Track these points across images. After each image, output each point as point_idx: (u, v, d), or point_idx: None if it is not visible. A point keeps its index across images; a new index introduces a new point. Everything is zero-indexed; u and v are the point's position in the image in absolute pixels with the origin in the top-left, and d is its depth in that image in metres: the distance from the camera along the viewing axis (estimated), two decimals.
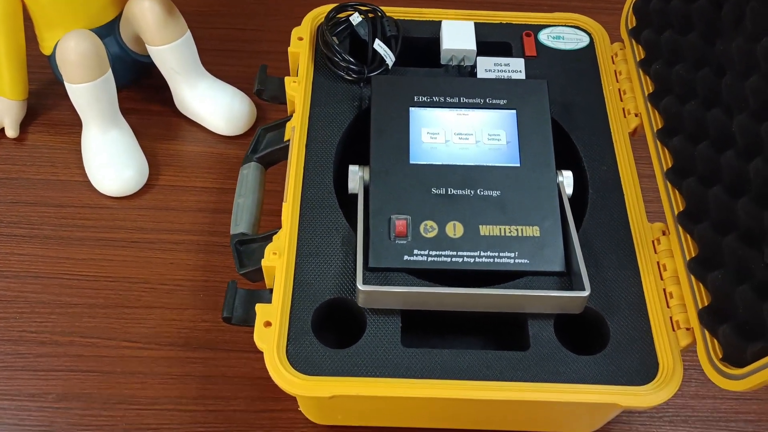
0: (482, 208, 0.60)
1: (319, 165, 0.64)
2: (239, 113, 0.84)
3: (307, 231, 0.61)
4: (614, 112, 0.70)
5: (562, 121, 0.68)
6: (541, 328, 0.57)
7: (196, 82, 0.83)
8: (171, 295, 0.73)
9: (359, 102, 0.69)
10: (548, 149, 0.63)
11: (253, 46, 0.94)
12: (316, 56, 0.72)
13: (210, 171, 0.82)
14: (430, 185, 0.61)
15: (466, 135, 0.64)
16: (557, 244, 0.59)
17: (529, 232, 0.60)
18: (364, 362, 0.55)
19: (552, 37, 0.75)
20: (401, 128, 0.64)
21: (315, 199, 0.62)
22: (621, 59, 0.73)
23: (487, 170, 0.62)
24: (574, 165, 0.66)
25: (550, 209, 0.61)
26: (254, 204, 0.67)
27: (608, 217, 0.63)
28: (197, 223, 0.78)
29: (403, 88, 0.66)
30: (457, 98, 0.66)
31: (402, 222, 0.60)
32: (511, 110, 0.65)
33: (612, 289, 0.59)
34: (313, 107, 0.68)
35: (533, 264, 0.59)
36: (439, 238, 0.59)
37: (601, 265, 0.60)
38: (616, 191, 0.64)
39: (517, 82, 0.67)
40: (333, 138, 0.66)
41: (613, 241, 0.61)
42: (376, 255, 0.58)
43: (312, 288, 0.58)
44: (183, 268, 0.74)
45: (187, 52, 0.80)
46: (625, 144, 0.67)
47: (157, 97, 0.87)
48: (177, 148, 0.84)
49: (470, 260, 0.59)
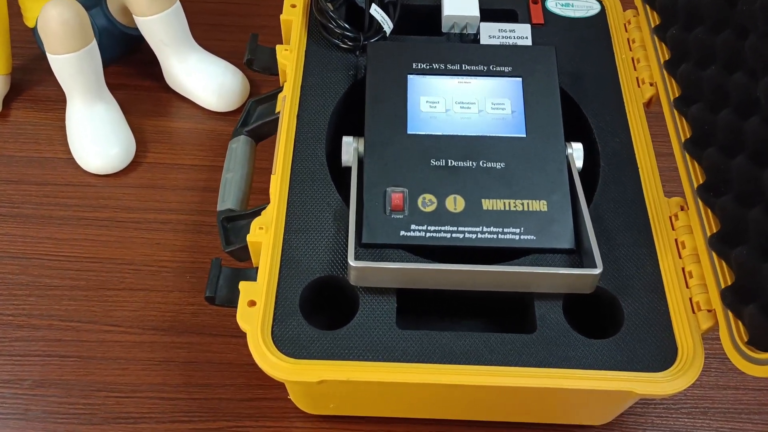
0: (485, 181, 0.56)
1: (311, 136, 0.60)
2: (231, 88, 0.80)
3: (297, 205, 0.57)
4: (627, 81, 0.65)
5: (571, 91, 0.64)
6: (548, 310, 0.52)
7: (186, 56, 0.79)
8: (156, 276, 0.69)
9: (355, 71, 0.64)
10: (556, 119, 0.59)
11: (248, 20, 0.90)
12: (309, 24, 0.68)
13: (200, 148, 0.78)
14: (429, 157, 0.57)
15: (468, 104, 0.60)
16: (566, 219, 0.55)
17: (535, 207, 0.55)
18: (356, 345, 0.50)
19: (561, 4, 0.70)
20: (398, 96, 0.60)
21: (306, 171, 0.58)
22: (634, 26, 0.68)
23: (491, 141, 0.58)
24: (585, 137, 0.62)
25: (559, 182, 0.56)
26: (243, 179, 0.63)
27: (621, 192, 0.58)
28: (185, 202, 0.74)
29: (401, 54, 0.61)
30: (459, 65, 0.61)
31: (398, 195, 0.55)
32: (516, 78, 0.61)
33: (626, 268, 0.54)
34: (306, 77, 0.64)
35: (540, 240, 0.54)
36: (439, 213, 0.55)
37: (614, 243, 0.56)
38: (630, 164, 0.60)
39: (522, 49, 0.62)
40: (326, 108, 0.62)
41: (627, 218, 0.57)
42: (370, 230, 0.54)
43: (301, 265, 0.54)
44: (169, 249, 0.71)
45: (176, 23, 0.76)
46: (639, 115, 0.63)
47: (146, 73, 0.84)
48: (166, 124, 0.80)
49: (472, 236, 0.54)
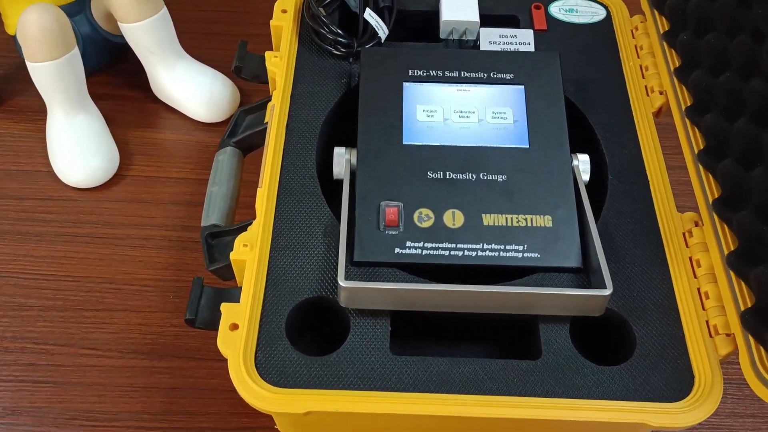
0: (486, 195, 0.52)
1: (301, 147, 0.57)
2: (220, 98, 0.76)
3: (285, 221, 0.53)
4: (636, 90, 0.61)
5: (576, 100, 0.61)
6: (554, 333, 0.48)
7: (173, 64, 0.76)
8: (137, 296, 0.65)
9: (348, 79, 0.61)
10: (561, 129, 0.56)
11: (240, 28, 0.87)
12: (301, 30, 0.65)
13: (187, 160, 0.75)
14: (425, 169, 0.53)
15: (468, 113, 0.56)
16: (572, 236, 0.51)
17: (539, 222, 0.52)
18: (346, 372, 0.46)
19: (564, 9, 0.67)
20: (394, 105, 0.56)
21: (294, 184, 0.55)
22: (642, 33, 0.65)
23: (492, 152, 0.54)
24: (591, 149, 0.58)
25: (564, 196, 0.53)
26: (229, 193, 0.60)
27: (631, 206, 0.55)
28: (171, 218, 0.70)
29: (396, 60, 0.58)
30: (458, 72, 0.58)
31: (393, 210, 0.52)
32: (518, 85, 0.57)
33: (637, 289, 0.51)
34: (296, 85, 0.61)
35: (545, 258, 0.51)
36: (436, 229, 0.51)
37: (624, 261, 0.52)
38: (640, 177, 0.56)
39: (525, 55, 0.59)
40: (317, 118, 0.59)
41: (638, 234, 0.53)
42: (363, 247, 0.51)
43: (288, 285, 0.50)
44: (152, 267, 0.67)
45: (162, 30, 0.73)
46: (648, 125, 0.59)
47: (133, 82, 0.80)
48: (152, 135, 0.77)
49: (471, 254, 0.51)
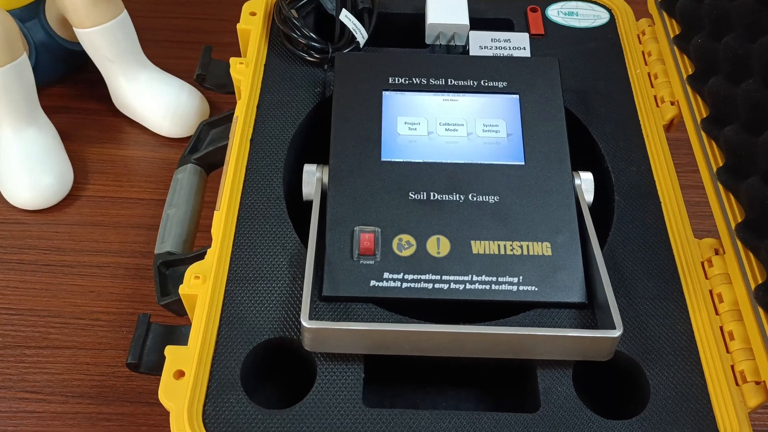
0: (475, 219, 0.46)
1: (266, 164, 0.50)
2: (186, 110, 0.70)
3: (244, 248, 0.46)
4: (644, 100, 0.55)
5: (578, 112, 0.54)
6: (555, 380, 0.42)
7: (135, 74, 0.69)
8: (87, 332, 0.58)
9: (322, 88, 0.55)
10: (561, 143, 0.49)
11: (214, 37, 0.80)
12: (270, 34, 0.58)
13: (149, 179, 0.68)
14: (407, 189, 0.47)
15: (455, 125, 0.50)
16: (575, 266, 0.45)
17: (537, 250, 0.45)
18: (310, 428, 0.39)
19: (564, 12, 0.61)
20: (371, 116, 0.50)
21: (257, 207, 0.48)
22: (650, 37, 0.59)
23: (482, 170, 0.48)
24: (595, 166, 0.52)
25: (565, 220, 0.46)
26: (187, 216, 0.53)
27: (641, 231, 0.48)
28: (128, 243, 0.63)
29: (374, 66, 0.52)
30: (444, 79, 0.51)
31: (369, 236, 0.45)
32: (512, 95, 0.51)
33: (650, 328, 0.44)
34: (264, 94, 0.54)
35: (543, 292, 0.44)
36: (418, 258, 0.45)
37: (635, 295, 0.45)
38: (651, 198, 0.50)
39: (520, 60, 0.53)
40: (286, 131, 0.52)
41: (649, 263, 0.47)
42: (333, 279, 0.44)
43: (245, 324, 0.43)
44: (105, 298, 0.60)
45: (122, 37, 0.67)
46: (659, 139, 0.53)
47: (93, 94, 0.74)
48: (111, 152, 0.70)
49: (459, 287, 0.44)
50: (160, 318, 0.48)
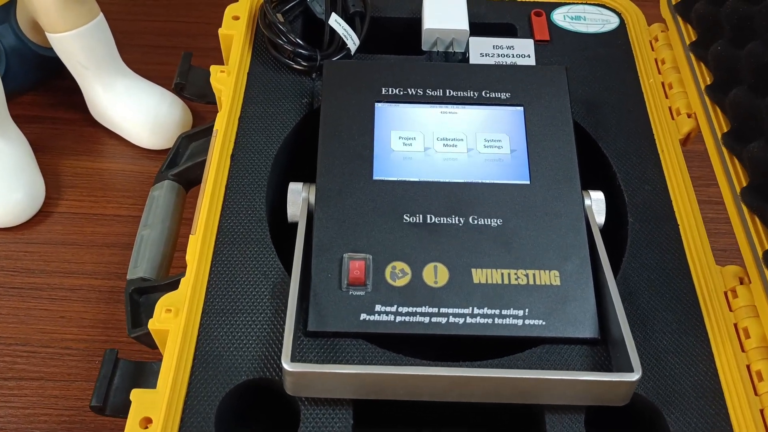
0: (476, 244, 0.42)
1: (248, 182, 0.46)
2: (168, 120, 0.66)
3: (222, 277, 0.42)
4: (658, 112, 0.51)
5: (586, 124, 0.50)
6: (565, 426, 0.37)
7: (112, 81, 0.65)
8: (56, 361, 0.54)
9: (310, 99, 0.51)
10: (569, 160, 0.45)
11: (198, 41, 0.76)
12: (255, 40, 0.54)
13: (127, 194, 0.64)
14: (401, 211, 0.43)
15: (454, 140, 0.46)
16: (586, 296, 0.41)
17: (544, 279, 0.41)
18: None
19: (570, 17, 0.57)
20: (362, 130, 0.46)
21: (237, 229, 0.44)
22: (663, 44, 0.55)
23: (484, 190, 0.44)
24: (606, 184, 0.48)
25: (575, 245, 0.42)
26: (163, 238, 0.49)
27: (658, 257, 0.44)
28: (103, 263, 0.59)
29: (366, 76, 0.48)
30: (442, 90, 0.47)
31: (359, 264, 0.41)
32: (516, 107, 0.47)
33: (670, 366, 0.40)
34: (247, 105, 0.50)
35: (552, 326, 0.40)
36: (414, 288, 0.40)
37: (652, 329, 0.41)
38: (667, 220, 0.46)
39: (524, 69, 0.49)
40: (270, 146, 0.48)
41: (667, 293, 0.43)
42: (320, 312, 0.40)
43: (222, 363, 0.39)
44: (77, 324, 0.56)
45: (98, 41, 0.63)
46: (675, 154, 0.49)
47: (68, 103, 0.70)
48: (87, 165, 0.66)
49: (458, 321, 0.40)
50: (134, 348, 0.44)
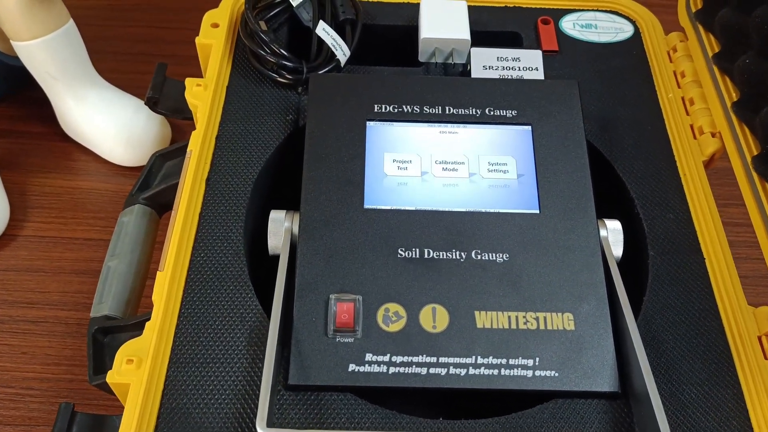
0: (480, 283, 0.37)
1: (225, 210, 0.41)
2: (144, 135, 0.61)
3: (193, 320, 0.37)
4: (678, 131, 0.46)
5: (600, 144, 0.46)
6: None
7: (84, 93, 0.60)
8: (16, 403, 0.50)
9: (295, 115, 0.46)
10: (583, 186, 0.40)
11: (179, 48, 0.71)
12: (236, 50, 0.49)
13: (99, 216, 0.59)
14: (395, 245, 0.38)
15: (455, 164, 0.41)
16: (604, 343, 0.36)
17: (557, 324, 0.36)
18: None
19: (580, 25, 0.52)
20: (352, 153, 0.41)
21: (211, 265, 0.39)
22: (683, 55, 0.50)
23: (488, 220, 0.39)
24: (623, 211, 0.43)
25: (591, 284, 0.38)
26: (132, 270, 0.45)
27: (683, 296, 0.39)
28: (70, 293, 0.55)
29: (356, 91, 0.43)
30: (441, 107, 0.43)
31: (348, 306, 0.36)
32: (523, 126, 0.42)
33: (700, 423, 0.35)
34: (225, 123, 0.45)
35: (566, 379, 0.35)
36: (409, 333, 0.36)
37: (678, 379, 0.36)
38: (692, 253, 0.41)
39: (532, 84, 0.44)
40: (251, 169, 0.43)
41: (694, 337, 0.38)
42: (302, 363, 0.35)
43: (190, 422, 0.34)
44: (40, 361, 0.52)
45: (67, 50, 0.58)
46: (699, 178, 0.44)
47: (37, 115, 0.65)
48: (56, 183, 0.61)
49: (460, 372, 0.35)
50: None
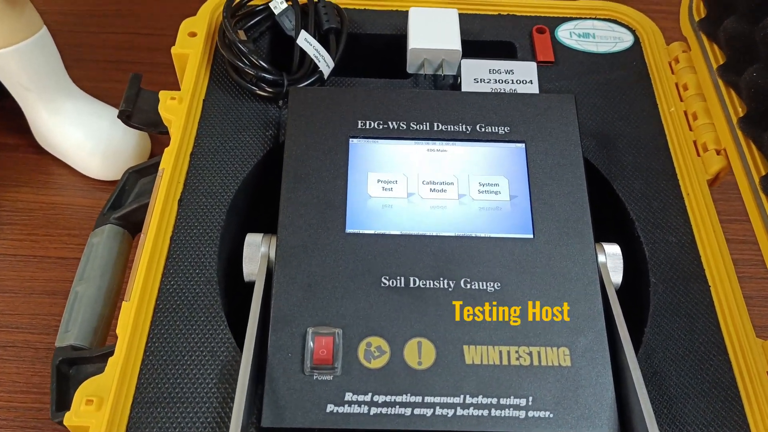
0: (469, 315, 0.34)
1: (198, 233, 0.39)
2: (122, 147, 0.59)
3: (160, 355, 0.35)
4: (681, 148, 0.44)
5: (598, 162, 0.43)
6: None
7: (58, 104, 0.57)
8: None
9: (275, 131, 0.43)
10: (580, 208, 0.38)
11: (159, 56, 0.69)
12: (214, 61, 0.47)
13: (73, 233, 0.57)
14: (379, 273, 0.35)
15: (443, 184, 0.38)
16: (603, 380, 0.34)
17: (552, 359, 0.34)
18: None
19: (577, 34, 0.50)
20: (334, 172, 0.38)
21: (182, 294, 0.37)
22: (685, 66, 0.48)
23: (479, 246, 0.36)
24: (622, 234, 0.41)
25: (589, 315, 0.35)
26: (101, 295, 0.42)
27: (686, 328, 0.37)
28: (42, 315, 0.52)
29: (339, 105, 0.40)
30: (429, 123, 0.40)
31: (326, 340, 0.34)
32: (517, 143, 0.40)
33: None
34: (201, 139, 0.43)
35: (562, 420, 0.33)
36: (393, 370, 0.33)
37: (682, 419, 0.34)
38: (696, 281, 0.39)
39: (526, 99, 0.41)
40: (227, 189, 0.41)
41: (699, 373, 0.36)
42: (276, 403, 0.32)
43: None
44: (7, 389, 0.49)
45: (40, 59, 0.55)
46: (703, 199, 0.42)
47: (13, 126, 0.63)
48: (29, 198, 0.59)
49: (447, 413, 0.33)
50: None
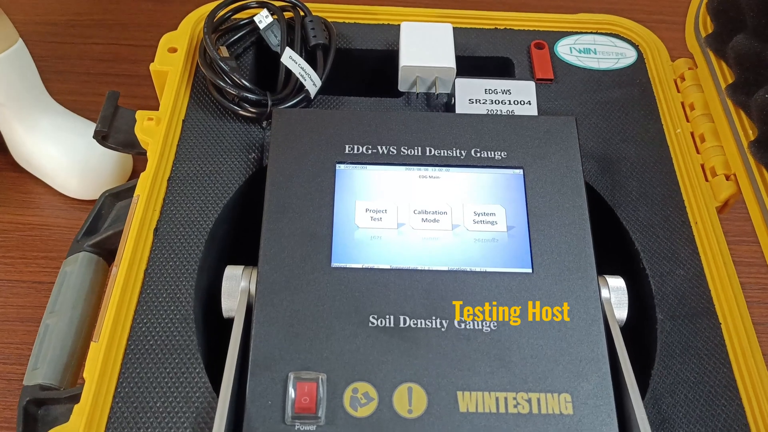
0: (464, 358, 0.33)
1: (174, 266, 0.36)
2: (102, 165, 0.56)
3: (131, 402, 0.32)
4: (688, 172, 0.41)
5: (600, 187, 0.41)
6: None
7: (35, 119, 0.55)
8: None
9: (258, 154, 0.41)
10: (582, 240, 0.36)
11: (143, 68, 0.66)
12: (195, 78, 0.44)
13: (50, 255, 0.55)
14: (366, 311, 0.33)
15: (436, 214, 0.36)
16: (608, 429, 0.31)
17: (552, 406, 0.31)
18: None
19: (578, 49, 0.47)
20: (319, 201, 0.36)
21: (155, 333, 0.34)
22: (691, 84, 0.45)
23: (473, 281, 0.34)
24: (627, 266, 0.38)
25: (591, 358, 0.33)
26: (72, 329, 0.40)
27: (696, 369, 0.35)
28: (14, 344, 0.50)
29: (325, 128, 0.38)
30: (421, 148, 0.38)
31: (309, 386, 0.31)
32: (514, 170, 0.37)
33: None
34: (180, 162, 0.40)
35: None
36: (381, 419, 0.31)
37: None
38: (706, 317, 0.36)
39: (524, 121, 0.39)
40: (206, 216, 0.38)
41: (711, 420, 0.33)
42: None
43: None
44: None
45: (15, 73, 0.53)
46: (712, 227, 0.39)
47: None
48: (4, 218, 0.58)
49: None
50: None
